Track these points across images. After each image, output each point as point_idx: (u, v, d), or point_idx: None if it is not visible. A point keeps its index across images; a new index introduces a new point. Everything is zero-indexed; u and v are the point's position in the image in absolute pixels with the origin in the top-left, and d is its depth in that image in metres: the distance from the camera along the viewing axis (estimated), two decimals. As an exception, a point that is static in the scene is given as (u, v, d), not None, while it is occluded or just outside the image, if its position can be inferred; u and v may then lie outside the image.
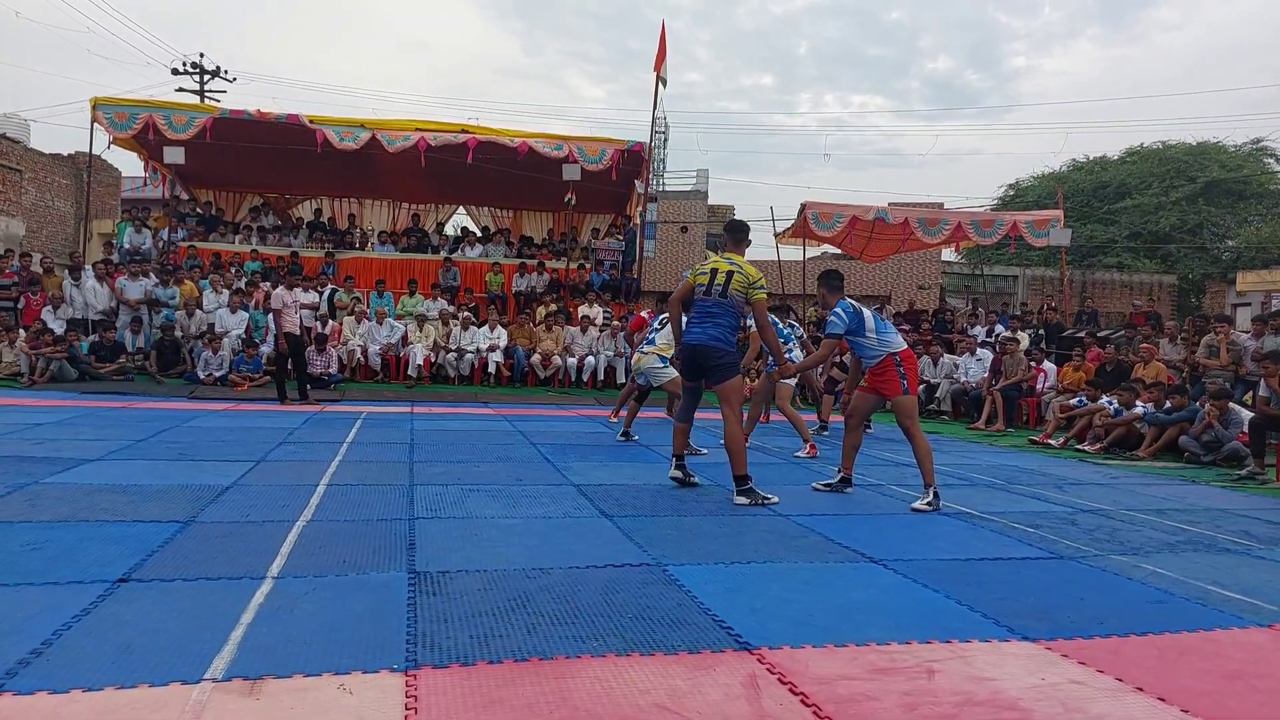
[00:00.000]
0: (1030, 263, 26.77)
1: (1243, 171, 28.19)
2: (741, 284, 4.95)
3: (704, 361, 5.00)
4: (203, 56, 28.40)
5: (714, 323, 4.97)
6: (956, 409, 11.71)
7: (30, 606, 2.67)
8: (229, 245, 15.60)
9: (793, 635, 2.71)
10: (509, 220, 19.14)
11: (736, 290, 4.95)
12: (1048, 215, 15.17)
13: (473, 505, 4.50)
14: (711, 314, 4.99)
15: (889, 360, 5.17)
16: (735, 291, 4.95)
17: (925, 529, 4.47)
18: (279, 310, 9.63)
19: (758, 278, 5.01)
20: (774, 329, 7.26)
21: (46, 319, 11.71)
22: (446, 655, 2.42)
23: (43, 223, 21.63)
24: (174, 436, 6.71)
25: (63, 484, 4.61)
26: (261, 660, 2.32)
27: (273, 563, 3.26)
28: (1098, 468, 7.47)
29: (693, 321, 5.08)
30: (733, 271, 4.97)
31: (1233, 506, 5.61)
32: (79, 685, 2.12)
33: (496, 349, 13.10)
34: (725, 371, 4.97)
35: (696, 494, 5.13)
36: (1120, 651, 2.71)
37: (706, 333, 4.97)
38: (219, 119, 14.35)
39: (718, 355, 4.95)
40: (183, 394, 10.36)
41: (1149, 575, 3.65)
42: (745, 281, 4.95)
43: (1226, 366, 9.64)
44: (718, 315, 4.98)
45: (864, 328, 5.23)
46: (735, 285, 4.95)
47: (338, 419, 8.41)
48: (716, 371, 4.98)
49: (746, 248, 5.38)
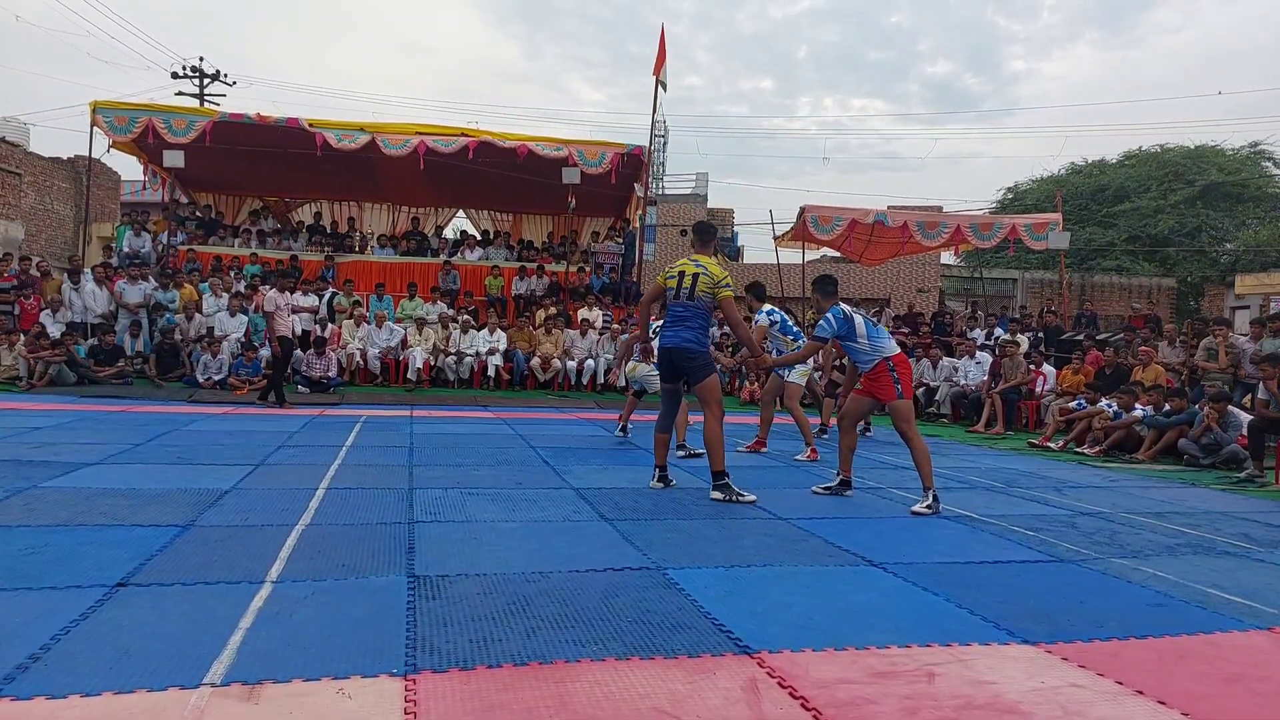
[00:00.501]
0: (1029, 266, 26.80)
1: (1241, 175, 28.24)
2: (707, 285, 5.06)
3: (679, 363, 5.15)
4: (202, 60, 28.57)
5: (685, 325, 5.11)
6: (956, 412, 11.71)
7: (28, 611, 2.67)
8: (228, 249, 15.61)
9: (793, 639, 2.70)
10: (509, 223, 19.17)
11: (703, 292, 5.07)
12: (1047, 218, 15.18)
13: (472, 509, 4.50)
14: (683, 318, 5.13)
15: (882, 365, 5.23)
16: (702, 293, 5.07)
17: (925, 532, 4.47)
18: (272, 313, 9.62)
19: (723, 277, 5.11)
20: (774, 322, 7.32)
21: (45, 323, 11.70)
22: (446, 659, 2.41)
23: (42, 226, 21.65)
24: (173, 440, 6.71)
25: (61, 488, 4.60)
26: (260, 665, 2.32)
27: (272, 567, 3.25)
28: (1097, 470, 7.47)
29: (666, 325, 5.23)
30: (698, 274, 5.07)
31: (1232, 509, 5.61)
32: (77, 690, 2.12)
33: (496, 352, 13.10)
34: (701, 371, 5.11)
35: (696, 498, 5.13)
36: (1120, 655, 2.71)
37: (679, 335, 5.11)
38: (218, 122, 14.37)
39: (691, 356, 5.10)
40: (182, 397, 10.35)
41: (1149, 578, 3.65)
42: (711, 282, 5.06)
43: (1225, 369, 9.64)
44: (688, 318, 5.12)
45: (854, 333, 5.30)
46: (701, 287, 5.05)
47: (337, 423, 8.40)
48: (693, 372, 5.13)
49: (714, 248, 5.50)
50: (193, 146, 14.13)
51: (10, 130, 21.77)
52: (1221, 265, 27.02)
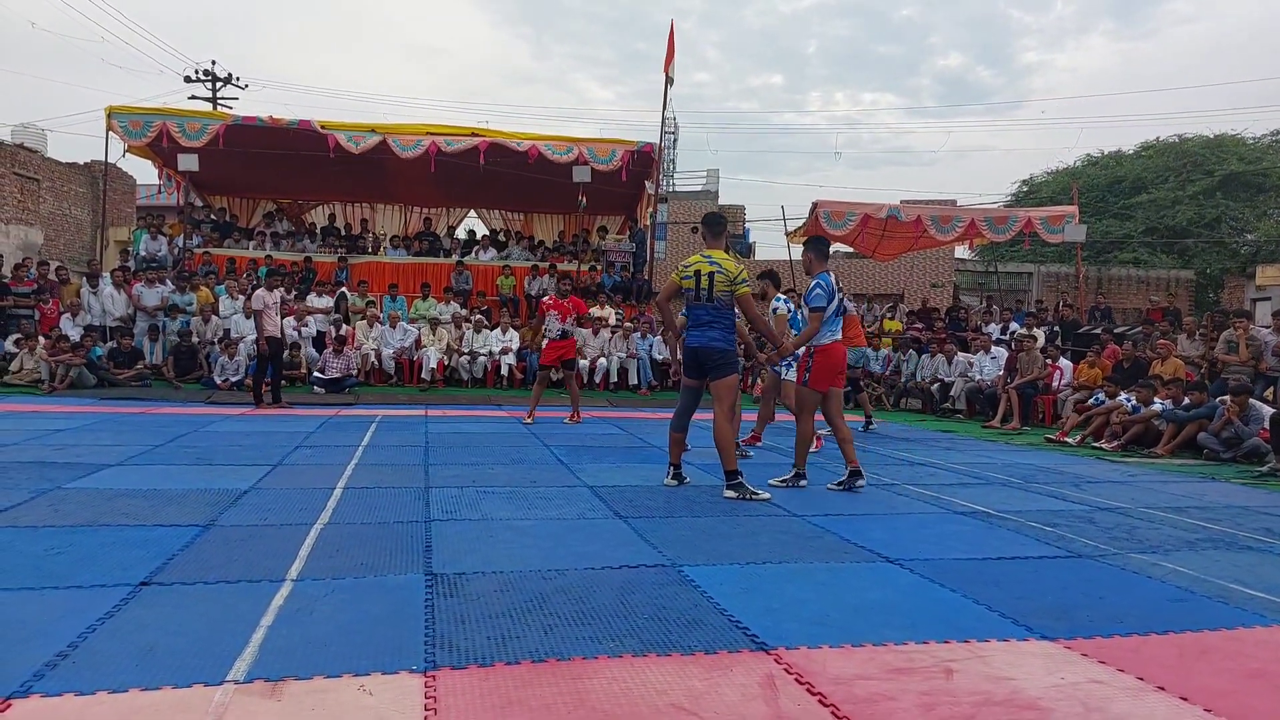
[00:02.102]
0: (1045, 259, 26.57)
1: (1262, 164, 27.80)
2: (724, 283, 5.04)
3: (706, 361, 5.13)
4: (215, 64, 28.65)
5: (711, 326, 5.11)
6: (971, 407, 11.64)
7: (56, 610, 2.71)
8: (243, 251, 15.73)
9: (809, 635, 2.70)
10: (520, 223, 19.22)
11: (721, 291, 5.05)
12: (1062, 211, 15.03)
13: (488, 507, 4.52)
14: (708, 321, 5.11)
15: (807, 354, 5.36)
16: (720, 293, 5.06)
17: (941, 528, 4.45)
18: (260, 311, 9.59)
19: (738, 273, 5.08)
20: (779, 315, 7.31)
21: (64, 326, 11.85)
22: (464, 656, 2.43)
23: (60, 231, 21.89)
24: (192, 441, 6.78)
25: (84, 489, 4.66)
26: (282, 662, 2.34)
27: (291, 565, 3.29)
28: (1115, 465, 7.41)
29: (691, 326, 5.22)
30: (714, 272, 5.05)
31: (1254, 504, 5.55)
32: (104, 687, 2.15)
33: (509, 351, 13.15)
34: (725, 369, 5.12)
35: (710, 495, 5.13)
36: (1141, 650, 2.70)
37: (707, 335, 5.11)
38: (231, 126, 14.48)
39: (719, 355, 5.10)
40: (200, 399, 10.46)
41: (1169, 574, 3.62)
42: (727, 280, 5.04)
43: (1246, 362, 9.54)
44: (714, 320, 5.09)
45: (829, 310, 5.35)
46: (719, 286, 5.04)
47: (353, 423, 8.46)
48: (716, 369, 5.12)
49: (726, 241, 5.49)
50: (206, 150, 14.24)
51: (28, 136, 22.02)
52: (1242, 256, 26.65)
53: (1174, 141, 29.91)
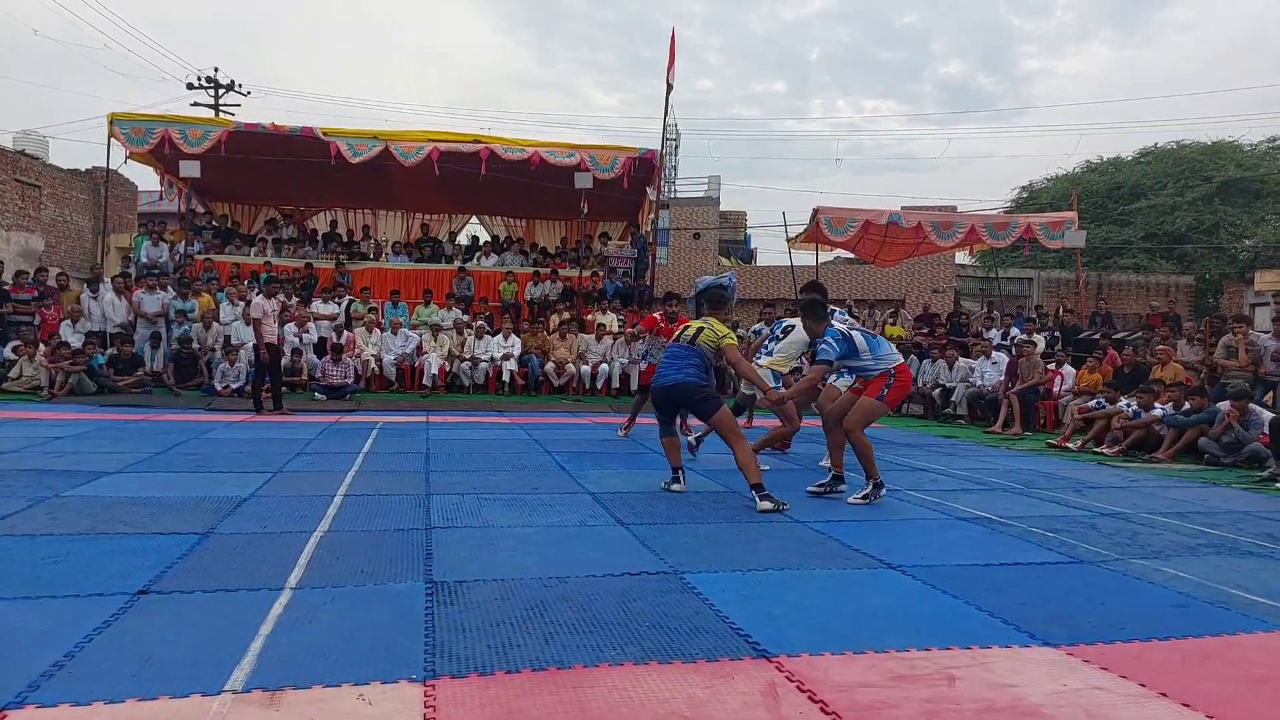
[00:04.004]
0: (1045, 265, 26.58)
1: (1259, 170, 27.89)
2: (710, 339, 5.42)
3: (683, 398, 5.36)
4: (217, 71, 28.70)
5: (684, 363, 5.38)
6: (973, 412, 11.63)
7: (53, 619, 2.70)
8: (245, 258, 15.74)
9: (811, 642, 2.69)
10: (521, 229, 19.24)
11: (705, 343, 5.41)
12: (1062, 217, 15.05)
13: (489, 514, 4.51)
14: (682, 357, 5.42)
15: (884, 375, 5.27)
16: (704, 344, 5.41)
17: (942, 535, 4.44)
18: (258, 319, 9.59)
19: (725, 333, 5.45)
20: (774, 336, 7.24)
21: (65, 333, 11.85)
22: (465, 665, 2.42)
23: (61, 237, 21.92)
24: (192, 448, 6.77)
25: (83, 497, 4.65)
26: (281, 671, 2.33)
27: (291, 574, 3.28)
28: (1116, 471, 7.39)
29: (666, 359, 5.52)
30: (702, 328, 5.48)
31: (1255, 509, 5.54)
32: (101, 697, 2.14)
33: (511, 357, 13.14)
34: (708, 404, 5.30)
35: (712, 501, 5.12)
36: (1143, 657, 2.69)
37: (682, 372, 5.35)
38: (233, 132, 14.50)
39: (695, 390, 5.29)
40: (200, 406, 10.45)
41: (1170, 579, 3.61)
42: (713, 337, 5.42)
43: (1245, 367, 9.52)
44: (687, 358, 5.40)
45: (855, 351, 5.30)
46: (704, 339, 5.43)
47: (353, 429, 8.45)
48: (700, 405, 5.33)
49: (727, 312, 5.94)
50: (208, 157, 14.26)
51: (29, 143, 22.09)
52: (1240, 262, 26.69)
53: (1172, 148, 30.00)
